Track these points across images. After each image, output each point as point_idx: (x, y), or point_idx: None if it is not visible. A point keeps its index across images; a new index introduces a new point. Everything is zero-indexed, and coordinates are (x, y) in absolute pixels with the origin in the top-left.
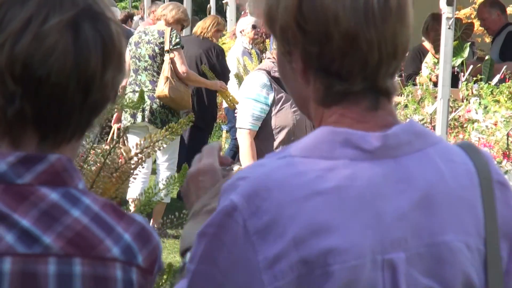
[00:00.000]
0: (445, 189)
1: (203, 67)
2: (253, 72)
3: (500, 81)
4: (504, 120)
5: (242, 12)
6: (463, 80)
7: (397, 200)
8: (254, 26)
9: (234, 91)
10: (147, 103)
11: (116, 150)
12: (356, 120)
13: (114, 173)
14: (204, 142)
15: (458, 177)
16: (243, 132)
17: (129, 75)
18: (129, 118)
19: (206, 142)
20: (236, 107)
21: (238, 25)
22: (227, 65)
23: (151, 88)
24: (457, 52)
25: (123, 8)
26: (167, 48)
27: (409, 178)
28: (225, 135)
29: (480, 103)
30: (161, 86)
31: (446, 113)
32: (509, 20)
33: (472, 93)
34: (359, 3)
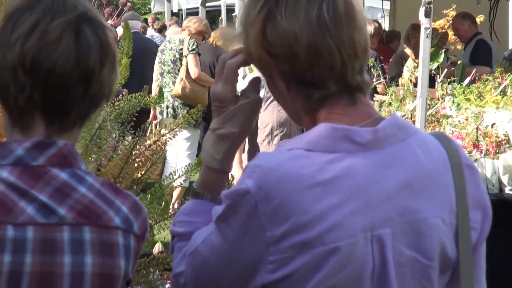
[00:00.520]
0: (423, 173)
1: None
2: (253, 73)
3: (471, 82)
4: (474, 116)
5: None
6: (439, 82)
7: (384, 184)
8: None
9: None
10: (170, 101)
11: (144, 142)
12: (342, 115)
13: (138, 160)
14: None
15: (434, 162)
16: None
17: (157, 79)
18: (158, 115)
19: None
20: None
21: None
22: None
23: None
24: (434, 58)
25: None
26: (185, 54)
27: (394, 165)
28: None
29: (454, 101)
30: (176, 86)
31: (425, 110)
32: (479, 30)
33: (447, 93)
34: (312, 19)
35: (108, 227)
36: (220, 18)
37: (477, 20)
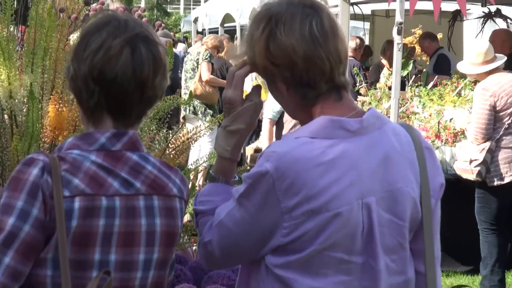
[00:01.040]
0: (396, 153)
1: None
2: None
3: (433, 86)
4: (436, 112)
5: None
6: (408, 86)
7: (369, 162)
8: None
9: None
10: (195, 103)
11: (179, 138)
12: (332, 109)
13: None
14: None
15: (402, 145)
16: (267, 121)
17: (184, 84)
18: (183, 111)
19: None
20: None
21: None
22: None
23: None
24: (404, 67)
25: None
26: (200, 62)
27: (375, 147)
28: None
29: (420, 101)
30: (192, 88)
31: (397, 108)
32: (441, 45)
33: (415, 94)
34: (305, 34)
35: (170, 196)
36: (236, 36)
37: (438, 37)
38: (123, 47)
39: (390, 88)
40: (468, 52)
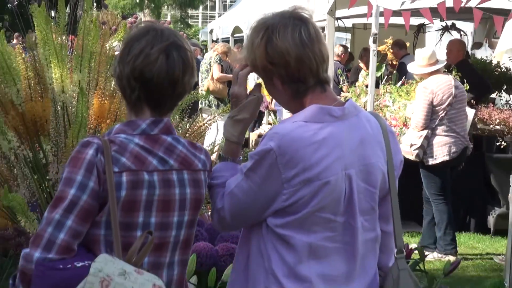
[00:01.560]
0: (369, 135)
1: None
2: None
3: (401, 85)
4: (403, 106)
5: None
6: (382, 84)
7: (350, 142)
8: None
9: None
10: (210, 98)
11: (197, 124)
12: (319, 99)
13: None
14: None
15: (373, 129)
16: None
17: (201, 84)
18: (199, 104)
19: None
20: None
21: None
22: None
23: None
24: (378, 69)
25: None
26: (212, 64)
27: (354, 130)
28: None
29: (391, 97)
30: (205, 86)
31: (372, 102)
32: (408, 51)
33: (386, 91)
34: (296, 40)
35: (196, 170)
36: (243, 44)
37: (407, 45)
38: (160, 54)
39: (367, 86)
40: (417, 56)
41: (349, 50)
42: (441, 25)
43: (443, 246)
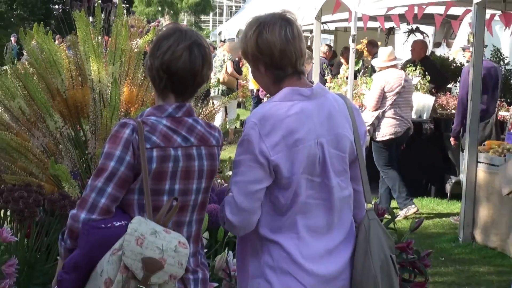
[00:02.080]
0: (336, 111)
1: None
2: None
3: None
4: None
5: None
6: (359, 76)
7: (320, 117)
8: None
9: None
10: (220, 87)
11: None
12: (294, 84)
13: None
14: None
15: (340, 106)
16: None
17: (214, 77)
18: (212, 93)
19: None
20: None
21: None
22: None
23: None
24: (356, 64)
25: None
26: (226, 61)
27: (322, 107)
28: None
29: (366, 86)
30: (221, 78)
31: (352, 91)
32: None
33: (363, 82)
34: (282, 36)
35: (211, 146)
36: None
37: (379, 44)
38: (184, 51)
39: (347, 78)
40: (380, 53)
41: (333, 49)
42: (408, 28)
43: (402, 203)
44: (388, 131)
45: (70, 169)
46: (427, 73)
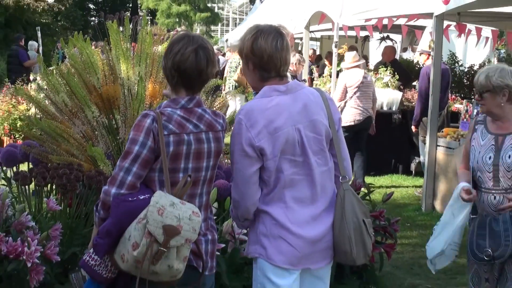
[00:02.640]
0: (311, 102)
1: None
2: None
3: None
4: None
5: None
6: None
7: (296, 107)
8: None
9: None
10: (233, 84)
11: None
12: (276, 83)
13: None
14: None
15: (315, 97)
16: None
17: (227, 74)
18: (227, 89)
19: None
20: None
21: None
22: None
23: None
24: (338, 65)
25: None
26: (240, 63)
27: (298, 99)
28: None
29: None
30: (235, 77)
31: (334, 87)
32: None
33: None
34: (273, 44)
35: (217, 131)
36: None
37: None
38: (191, 53)
39: (331, 76)
40: (346, 57)
41: (319, 53)
42: (380, 36)
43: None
44: (349, 119)
45: (104, 151)
46: (396, 73)
